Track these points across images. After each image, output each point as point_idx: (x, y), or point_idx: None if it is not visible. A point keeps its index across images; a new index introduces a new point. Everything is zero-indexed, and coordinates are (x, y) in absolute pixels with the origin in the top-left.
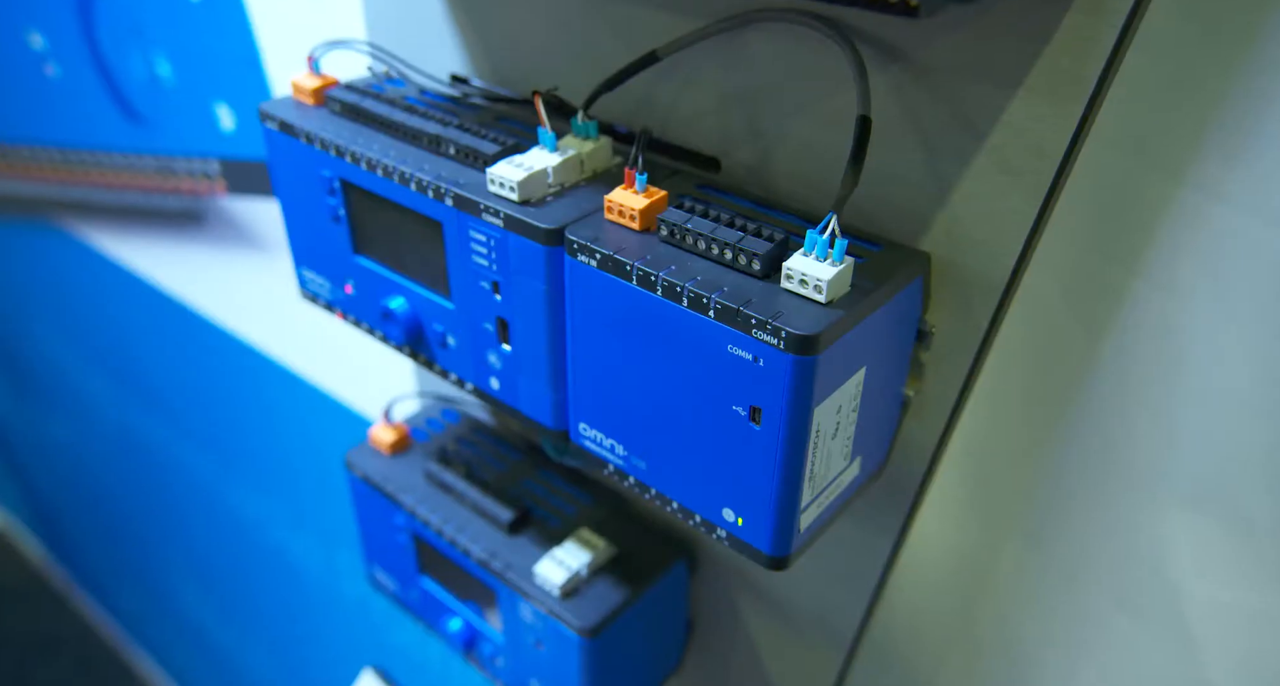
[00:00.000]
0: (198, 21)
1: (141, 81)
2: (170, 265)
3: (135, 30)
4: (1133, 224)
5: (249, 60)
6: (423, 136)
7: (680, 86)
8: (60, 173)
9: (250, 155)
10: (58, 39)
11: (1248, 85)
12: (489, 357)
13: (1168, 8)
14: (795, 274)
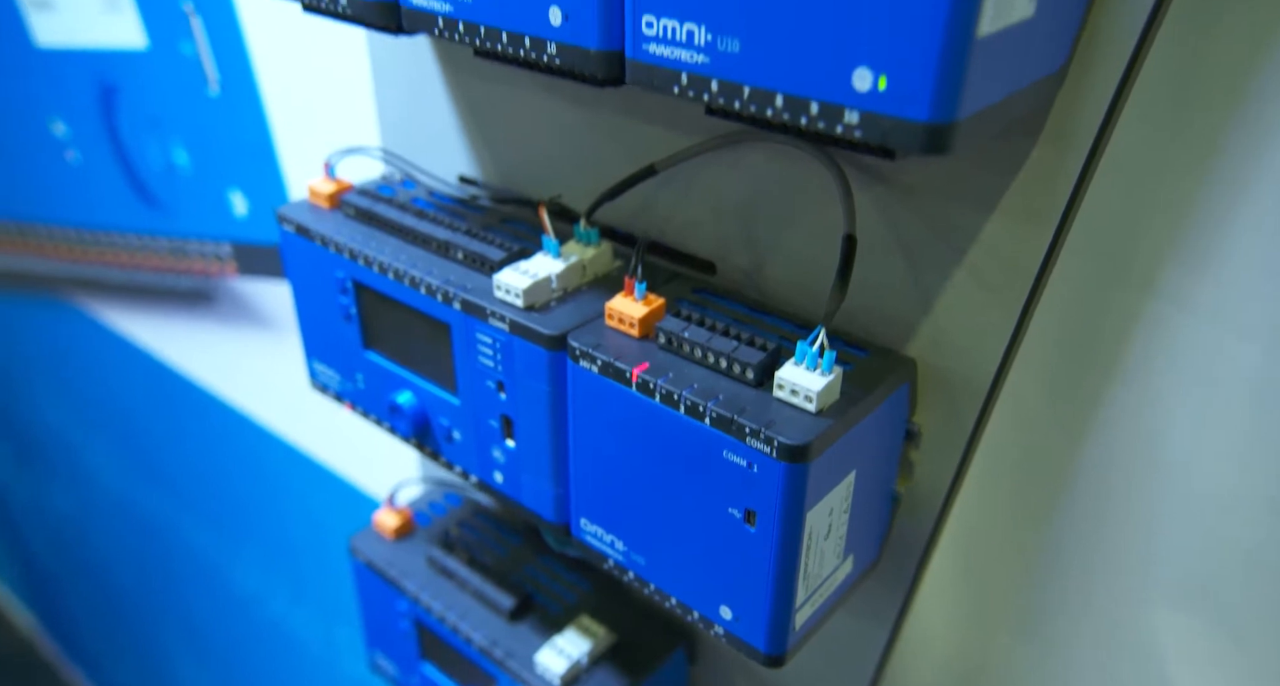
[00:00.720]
0: (216, 114)
1: (159, 168)
2: (178, 342)
3: (154, 122)
4: (1108, 333)
5: (263, 150)
6: (432, 241)
7: (678, 196)
8: (74, 251)
9: (261, 239)
10: (80, 127)
11: (1209, 202)
12: (493, 452)
13: (1131, 136)
14: (787, 384)
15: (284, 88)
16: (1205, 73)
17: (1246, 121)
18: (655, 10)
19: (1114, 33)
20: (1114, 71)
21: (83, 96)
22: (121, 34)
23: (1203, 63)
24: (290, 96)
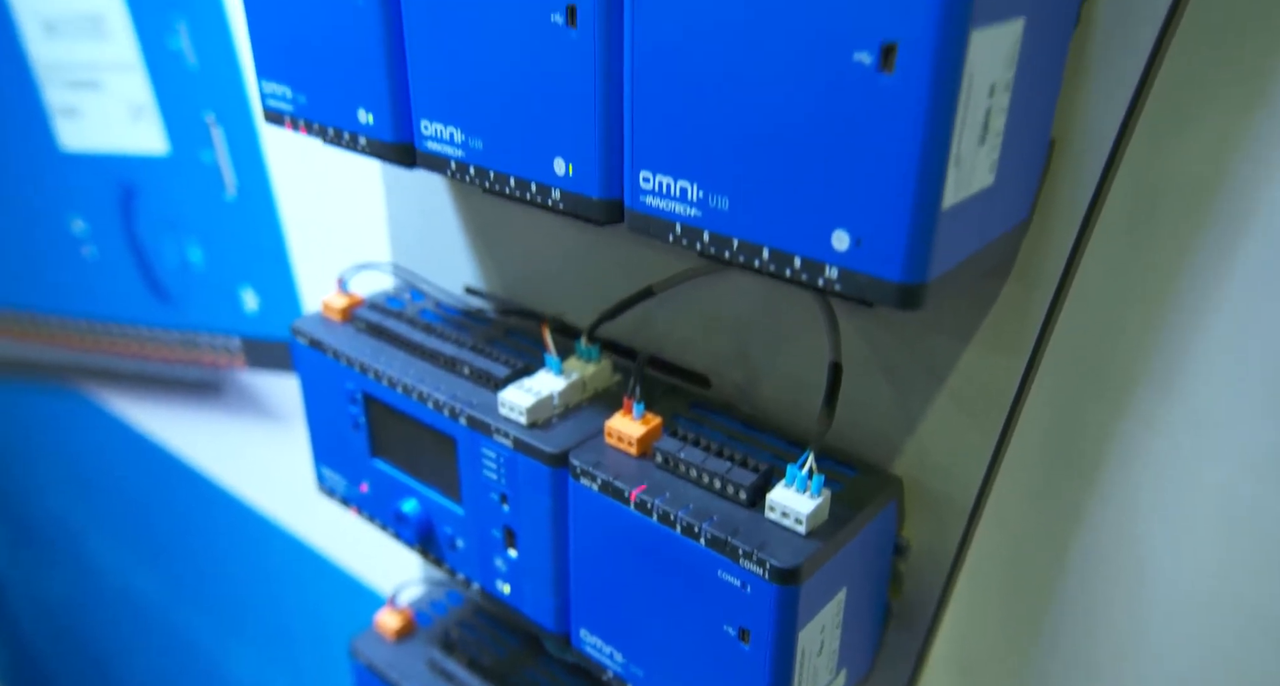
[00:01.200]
0: (231, 216)
1: (173, 265)
2: (185, 432)
3: (172, 222)
4: (1085, 453)
5: (275, 250)
6: (440, 357)
7: (674, 314)
8: (85, 341)
9: (270, 334)
10: (98, 225)
11: (1171, 330)
12: (496, 562)
13: (1094, 273)
14: (778, 506)
15: (298, 193)
16: (1161, 214)
17: (1201, 256)
18: (652, 167)
19: (1071, 185)
20: (1074, 218)
21: (103, 197)
22: (144, 141)
23: (1158, 206)
24: (304, 201)
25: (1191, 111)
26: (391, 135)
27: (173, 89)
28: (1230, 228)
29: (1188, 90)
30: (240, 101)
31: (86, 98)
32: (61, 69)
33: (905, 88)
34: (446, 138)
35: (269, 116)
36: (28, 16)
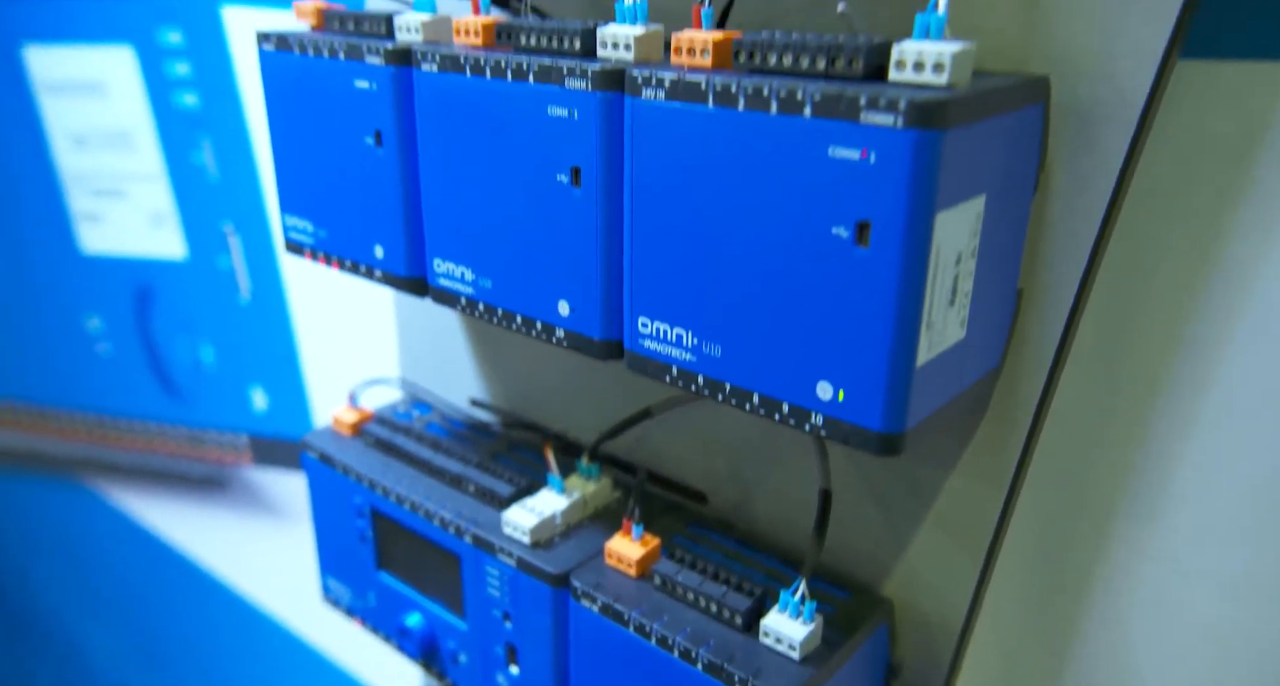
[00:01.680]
0: (244, 319)
1: (185, 364)
2: (188, 527)
3: (186, 322)
4: (1070, 577)
5: (286, 352)
6: (446, 474)
7: (672, 434)
8: (94, 435)
9: (278, 433)
10: (113, 323)
11: (1147, 462)
12: (498, 678)
13: (1066, 408)
14: (772, 633)
15: (311, 299)
16: (1128, 351)
17: (1171, 387)
18: (649, 313)
19: (1039, 331)
20: (1043, 361)
21: (120, 297)
22: (163, 246)
23: (1125, 344)
24: (316, 306)
25: (1149, 258)
26: (405, 270)
27: (194, 199)
28: (1196, 361)
29: (1143, 240)
30: (258, 212)
31: (110, 205)
32: (87, 178)
33: (879, 261)
34: (458, 276)
35: (290, 247)
36: (59, 131)
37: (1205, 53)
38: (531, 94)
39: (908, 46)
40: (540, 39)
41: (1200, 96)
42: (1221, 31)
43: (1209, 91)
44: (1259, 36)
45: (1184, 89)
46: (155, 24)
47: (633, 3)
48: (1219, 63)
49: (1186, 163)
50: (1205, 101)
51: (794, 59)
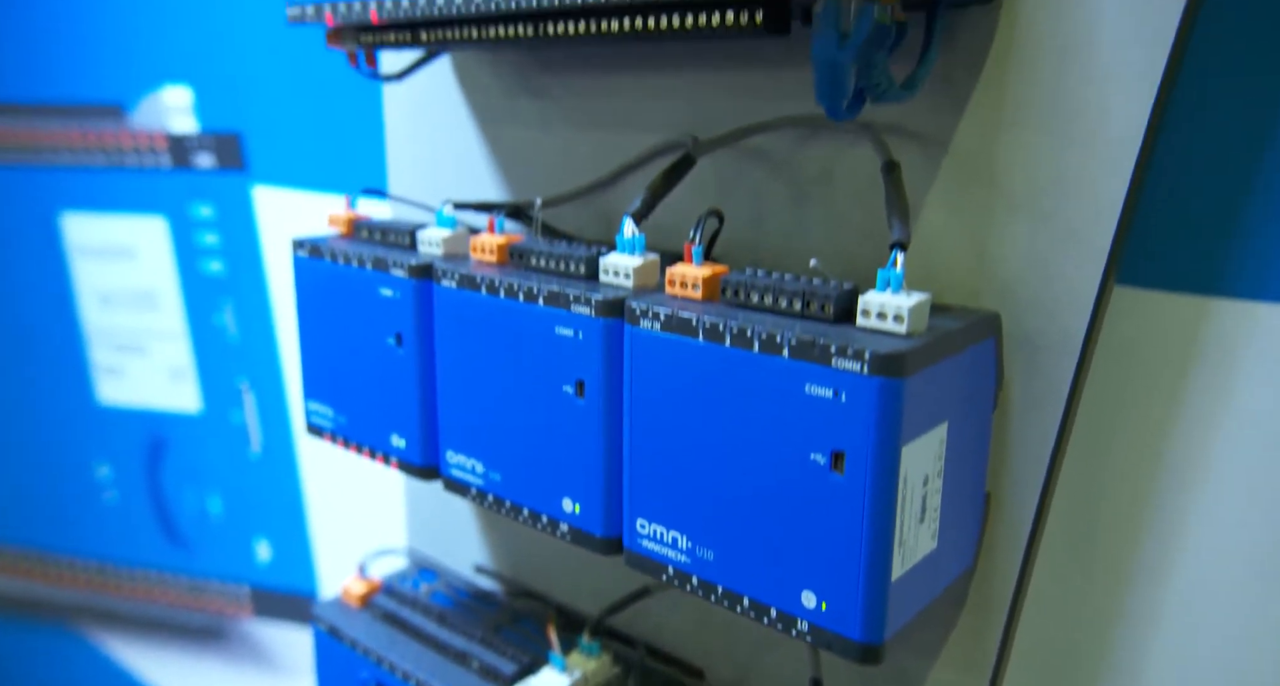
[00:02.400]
0: (254, 472)
1: (192, 513)
2: (184, 679)
3: (195, 474)
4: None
5: (293, 506)
6: (450, 650)
7: (669, 610)
8: (93, 582)
9: (280, 586)
10: (123, 472)
11: (1123, 642)
12: None
13: (1041, 598)
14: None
15: (321, 456)
16: (1096, 542)
17: (1137, 574)
18: (647, 516)
19: (1008, 530)
20: (1014, 557)
21: (132, 447)
22: (179, 400)
23: (1091, 538)
24: (326, 464)
25: (1104, 458)
26: (420, 460)
27: (212, 357)
28: (1157, 546)
29: (1098, 441)
30: (274, 370)
31: (130, 359)
32: (110, 334)
33: (853, 487)
34: (469, 468)
35: (311, 430)
36: (87, 290)
37: (1139, 281)
38: (541, 315)
39: (871, 299)
40: (549, 262)
41: (1136, 321)
42: (1152, 263)
43: (1144, 317)
44: (1184, 271)
45: (1122, 313)
46: (189, 198)
47: (631, 235)
48: (1151, 292)
49: (1128, 377)
50: (1141, 325)
51: (774, 299)
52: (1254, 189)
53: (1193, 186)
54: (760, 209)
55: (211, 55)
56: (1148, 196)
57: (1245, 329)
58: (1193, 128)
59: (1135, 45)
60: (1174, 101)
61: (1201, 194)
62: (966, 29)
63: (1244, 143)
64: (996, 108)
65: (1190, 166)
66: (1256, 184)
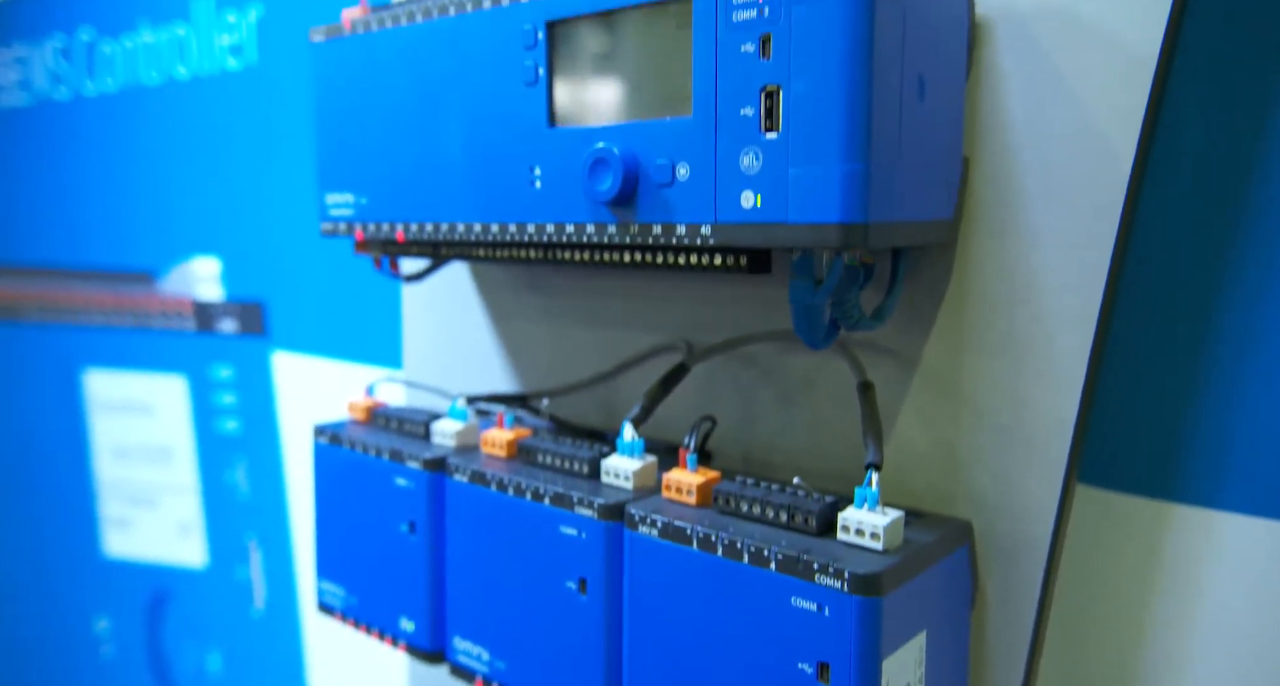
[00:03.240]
0: (256, 629)
1: (189, 670)
2: None
3: (196, 629)
4: None
5: (293, 664)
6: None
7: None
8: None
9: None
10: (122, 626)
11: None
12: None
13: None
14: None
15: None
16: None
17: None
18: None
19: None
20: None
21: (134, 601)
22: (186, 554)
23: None
24: (330, 625)
25: (1082, 652)
26: (428, 645)
27: (221, 513)
28: None
29: (1074, 635)
30: (282, 529)
31: (139, 512)
32: (121, 486)
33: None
34: (475, 655)
35: (321, 608)
36: (103, 444)
37: (1102, 483)
38: (547, 514)
39: (850, 515)
40: (555, 460)
41: (1102, 523)
42: (1112, 467)
43: (1109, 519)
44: (1141, 476)
45: (1088, 515)
46: (210, 360)
47: (631, 439)
48: (1115, 494)
49: (1098, 578)
50: (1106, 527)
51: (762, 510)
52: (1198, 406)
53: (1140, 403)
54: (749, 410)
55: (241, 228)
56: (1099, 408)
57: (1202, 536)
58: (1134, 352)
59: (1072, 292)
60: (1113, 333)
61: (1149, 409)
62: (928, 266)
63: (1185, 364)
64: (958, 334)
65: (1137, 386)
66: (1200, 401)
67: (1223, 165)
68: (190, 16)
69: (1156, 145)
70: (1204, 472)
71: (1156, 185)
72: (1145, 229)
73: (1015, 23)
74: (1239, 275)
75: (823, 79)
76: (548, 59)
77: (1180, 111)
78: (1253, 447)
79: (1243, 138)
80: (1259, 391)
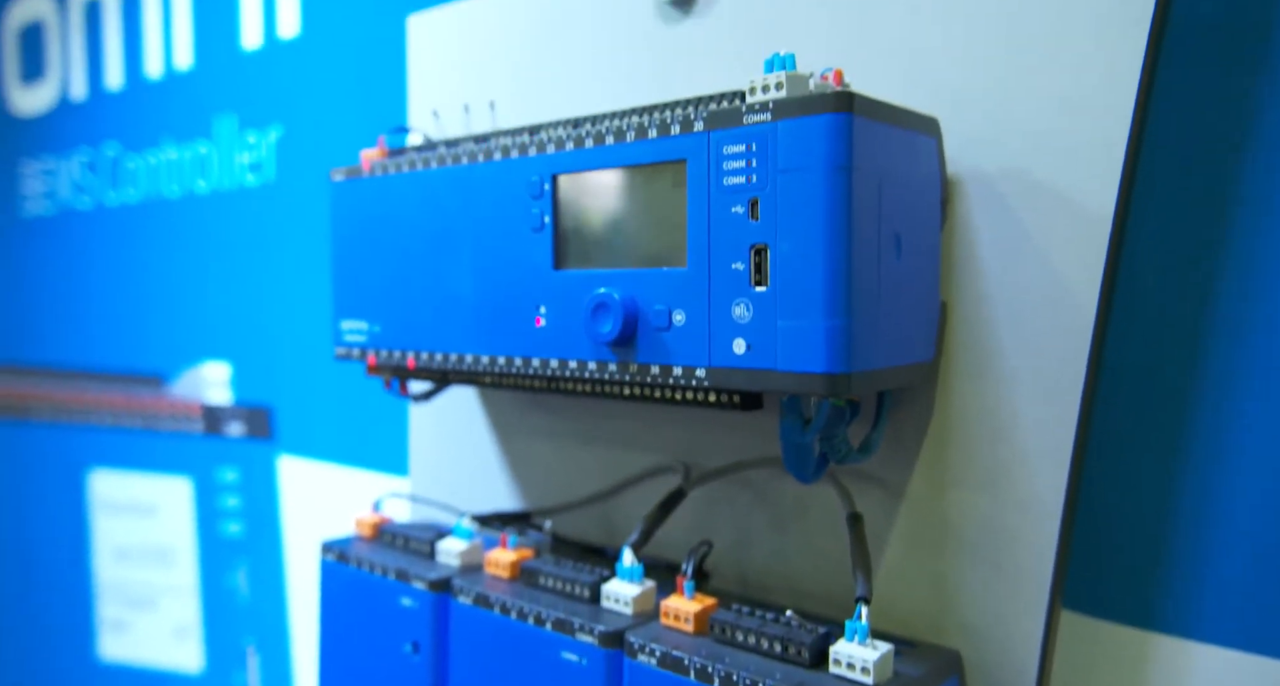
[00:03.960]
0: None
1: None
2: None
3: None
4: None
5: None
6: None
7: None
8: None
9: None
10: None
11: None
12: None
13: None
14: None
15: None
16: None
17: None
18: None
19: None
20: None
21: None
22: (182, 659)
23: None
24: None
25: None
26: None
27: (220, 616)
28: None
29: None
30: (281, 635)
31: (137, 614)
32: (121, 588)
33: None
34: None
35: None
36: (105, 545)
37: (1087, 610)
38: (549, 639)
39: (840, 650)
40: (556, 583)
41: (1087, 649)
42: (1096, 595)
43: (1093, 646)
44: (1123, 605)
45: (1073, 641)
46: (216, 463)
47: (631, 564)
48: (1099, 621)
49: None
50: (1091, 654)
51: (756, 641)
52: (1173, 538)
53: (1118, 535)
54: (745, 533)
55: (252, 334)
56: (1079, 539)
57: (1183, 665)
58: (1110, 487)
59: (1048, 429)
60: (1088, 469)
61: (1127, 541)
62: (912, 401)
63: (1160, 496)
64: (942, 467)
65: (1114, 519)
66: (1175, 534)
67: (1181, 313)
68: (213, 135)
69: (1118, 295)
70: (1181, 603)
71: (1120, 333)
72: (1112, 371)
73: (983, 182)
74: (1204, 411)
75: (806, 240)
76: (553, 208)
77: (1137, 264)
78: (1226, 580)
79: (1196, 289)
80: (1233, 524)
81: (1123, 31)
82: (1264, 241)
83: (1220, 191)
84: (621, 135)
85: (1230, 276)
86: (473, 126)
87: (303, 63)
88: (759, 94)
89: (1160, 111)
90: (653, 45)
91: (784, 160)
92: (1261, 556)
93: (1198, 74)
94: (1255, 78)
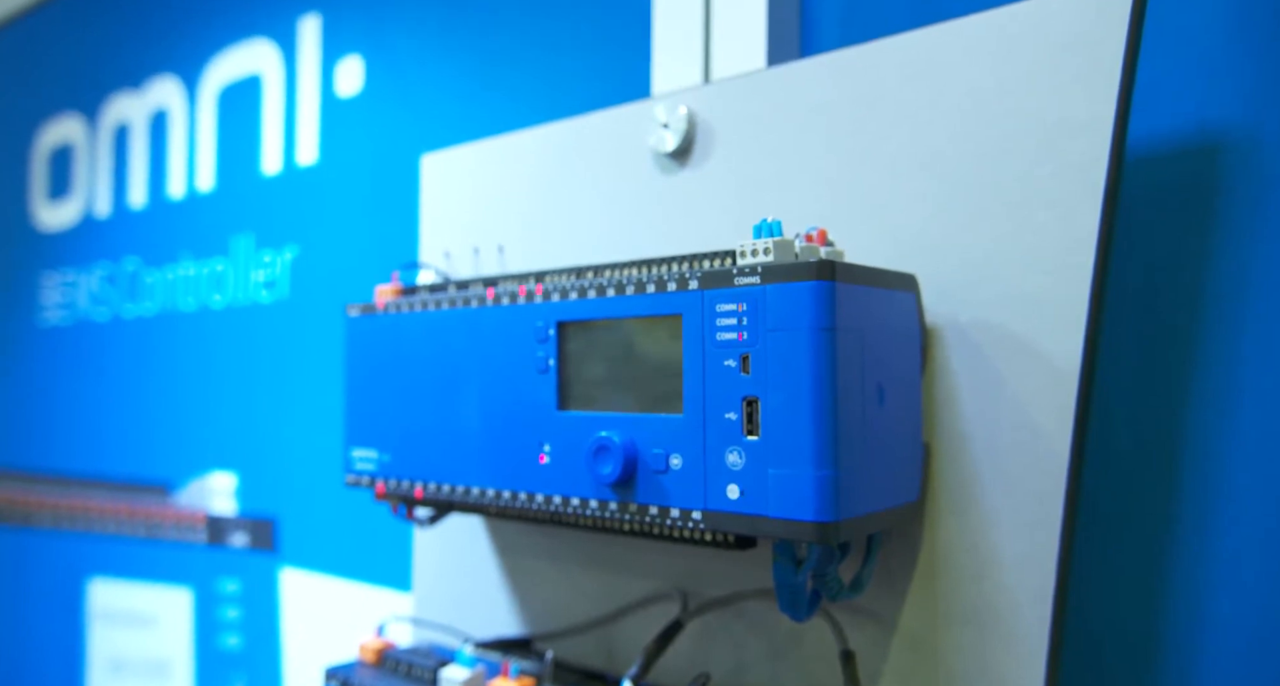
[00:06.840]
0: None
1: None
2: None
3: None
4: None
5: None
6: None
7: None
8: None
9: None
10: None
11: None
12: None
13: None
14: None
15: None
16: None
17: None
18: None
19: None
20: None
21: None
22: None
23: None
24: None
25: None
26: None
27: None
28: None
29: None
30: None
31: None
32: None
33: None
34: None
35: None
36: (100, 657)
37: None
38: None
39: None
40: None
41: None
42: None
43: None
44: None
45: None
46: (218, 574)
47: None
48: None
49: None
50: None
51: None
52: (1160, 681)
53: (1108, 673)
54: (742, 662)
55: (259, 446)
56: (1065, 676)
57: None
58: (1098, 620)
59: (1029, 566)
60: (1072, 603)
61: (1118, 678)
62: (900, 538)
63: (1142, 631)
64: (931, 602)
65: (1102, 658)
66: (1162, 678)
67: (1152, 447)
68: (230, 253)
69: (1090, 433)
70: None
71: (1096, 470)
72: (1090, 506)
73: (959, 332)
74: (1185, 547)
75: (795, 395)
76: (557, 352)
77: (1109, 406)
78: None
79: (1164, 436)
80: (1220, 658)
81: (1081, 197)
82: (1222, 379)
83: (1183, 336)
84: (622, 289)
85: (1196, 409)
86: (482, 267)
87: (319, 188)
88: (749, 257)
89: (1120, 270)
90: (652, 192)
91: (773, 320)
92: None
93: (1152, 234)
94: (1204, 239)
